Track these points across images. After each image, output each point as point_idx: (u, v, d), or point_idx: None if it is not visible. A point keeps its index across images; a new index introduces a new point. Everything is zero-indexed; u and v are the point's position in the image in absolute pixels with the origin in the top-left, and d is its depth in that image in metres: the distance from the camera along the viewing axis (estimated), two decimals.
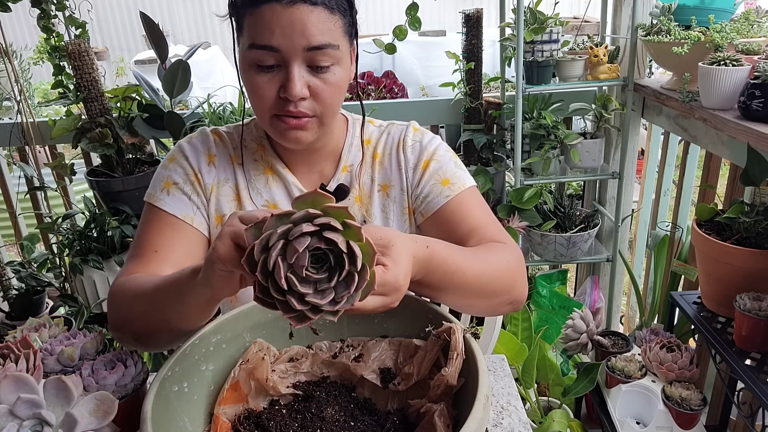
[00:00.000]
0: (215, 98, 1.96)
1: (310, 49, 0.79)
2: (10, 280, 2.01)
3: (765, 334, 1.18)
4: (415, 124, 1.01)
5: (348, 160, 0.98)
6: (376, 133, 1.01)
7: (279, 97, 0.82)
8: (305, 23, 0.77)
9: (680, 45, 1.44)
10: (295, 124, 0.83)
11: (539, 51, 1.78)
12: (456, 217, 0.92)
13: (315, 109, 0.83)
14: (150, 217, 0.92)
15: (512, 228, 1.82)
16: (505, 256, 0.82)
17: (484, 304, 0.82)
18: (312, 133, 0.86)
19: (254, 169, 0.96)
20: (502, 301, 0.81)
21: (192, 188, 0.94)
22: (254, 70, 0.81)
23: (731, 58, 1.30)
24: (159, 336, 0.76)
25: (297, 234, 0.52)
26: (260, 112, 0.85)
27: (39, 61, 2.21)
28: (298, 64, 0.80)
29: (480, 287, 0.77)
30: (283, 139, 0.86)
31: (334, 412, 0.72)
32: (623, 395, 1.43)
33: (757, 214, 1.24)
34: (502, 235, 0.90)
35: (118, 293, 0.82)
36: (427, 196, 0.95)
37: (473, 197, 0.95)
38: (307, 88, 0.81)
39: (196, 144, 0.97)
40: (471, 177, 0.98)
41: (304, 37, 0.78)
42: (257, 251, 0.53)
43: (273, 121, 0.85)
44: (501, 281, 0.80)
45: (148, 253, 0.88)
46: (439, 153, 0.98)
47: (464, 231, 0.91)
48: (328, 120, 0.86)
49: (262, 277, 0.53)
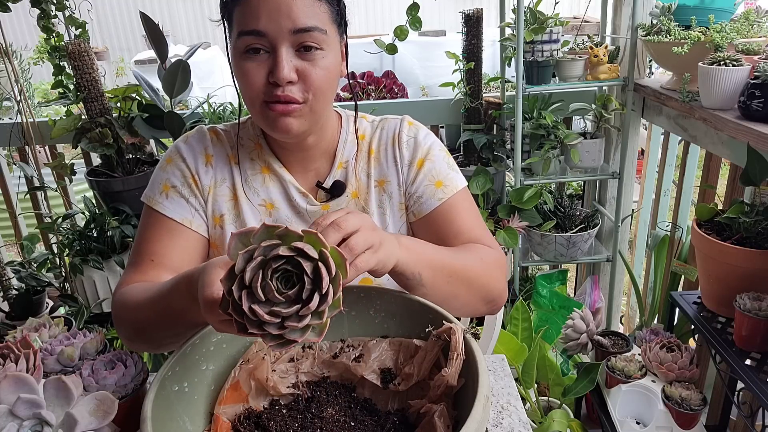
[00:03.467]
0: (215, 98, 1.96)
1: (297, 32, 0.79)
2: (10, 280, 2.01)
3: (765, 334, 1.18)
4: (408, 118, 1.01)
5: (343, 156, 0.98)
6: (369, 129, 1.01)
7: (268, 83, 0.82)
8: (290, 6, 0.78)
9: (680, 45, 1.44)
10: (283, 110, 0.82)
11: (539, 51, 1.78)
12: (446, 219, 0.95)
13: (304, 94, 0.83)
14: (149, 221, 0.93)
15: (512, 228, 1.82)
16: (482, 255, 0.88)
17: (464, 301, 0.85)
18: (302, 122, 0.85)
19: (251, 168, 0.96)
20: (480, 298, 0.86)
21: (189, 191, 0.94)
22: (243, 57, 0.82)
23: (731, 58, 1.30)
24: (169, 337, 0.77)
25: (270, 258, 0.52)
26: (251, 101, 0.85)
27: (39, 61, 2.21)
28: (286, 47, 0.80)
29: (463, 284, 0.81)
30: (274, 128, 0.85)
31: (335, 412, 0.72)
32: (623, 395, 1.43)
33: (757, 214, 1.24)
34: (487, 239, 0.94)
35: (121, 307, 0.84)
36: (421, 197, 0.96)
37: (464, 200, 0.98)
38: (295, 72, 0.81)
39: (193, 144, 0.96)
40: (462, 177, 1.00)
41: (290, 20, 0.78)
42: (233, 288, 0.53)
43: (263, 110, 0.84)
44: (481, 280, 0.85)
45: (146, 261, 0.90)
46: (433, 152, 0.98)
47: (452, 233, 0.94)
48: (318, 107, 0.85)
49: (236, 314, 0.53)
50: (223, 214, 0.95)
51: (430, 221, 0.96)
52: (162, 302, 0.73)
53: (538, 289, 2.16)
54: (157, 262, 0.89)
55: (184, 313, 0.70)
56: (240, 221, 0.95)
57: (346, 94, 2.55)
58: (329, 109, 0.93)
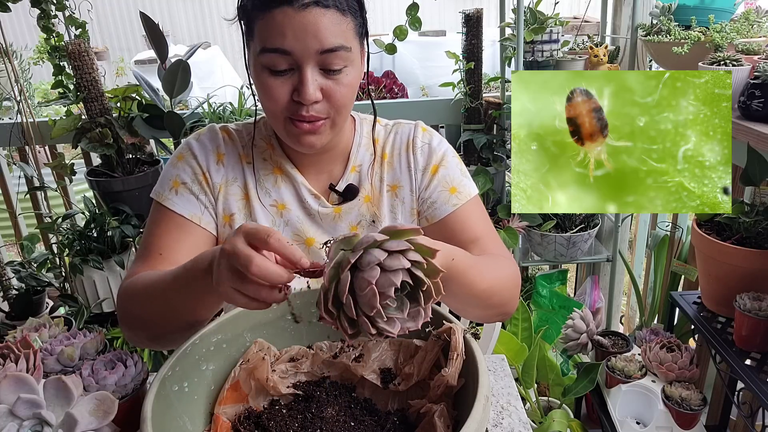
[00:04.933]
0: (215, 98, 1.96)
1: (323, 52, 0.78)
2: (10, 280, 2.01)
3: (765, 334, 1.18)
4: (422, 124, 1.01)
5: (357, 160, 0.98)
6: (383, 133, 1.01)
7: (292, 100, 0.82)
8: (318, 26, 0.77)
9: (680, 45, 1.44)
10: (308, 129, 0.83)
11: (539, 51, 1.78)
12: (460, 226, 0.95)
13: (328, 111, 0.84)
14: (158, 216, 0.92)
15: (512, 228, 1.82)
16: (510, 273, 0.87)
17: (481, 313, 0.85)
18: (325, 137, 0.86)
19: (263, 169, 0.96)
20: (496, 312, 0.85)
21: (200, 188, 0.94)
22: (266, 73, 0.81)
23: (731, 58, 1.30)
24: (173, 331, 0.76)
25: (394, 267, 0.55)
26: (273, 115, 0.85)
27: (39, 61, 2.21)
28: (311, 67, 0.79)
29: (485, 299, 0.79)
30: (297, 143, 0.87)
31: (335, 412, 0.72)
32: (623, 395, 1.43)
33: (757, 214, 1.24)
34: (501, 249, 0.94)
35: (127, 293, 0.82)
36: (435, 203, 0.96)
37: (477, 207, 0.98)
38: (320, 91, 0.81)
39: (205, 142, 0.96)
40: (474, 184, 1.00)
41: (317, 41, 0.77)
42: (342, 267, 0.56)
43: (287, 125, 0.85)
44: (502, 295, 0.83)
45: (154, 255, 0.89)
46: (447, 159, 0.99)
47: (466, 240, 0.93)
48: (340, 121, 0.86)
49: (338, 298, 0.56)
50: (233, 213, 0.95)
51: (444, 227, 0.96)
52: (175, 283, 0.71)
53: (538, 289, 2.16)
54: (165, 256, 0.88)
55: (195, 295, 0.68)
56: (251, 221, 0.94)
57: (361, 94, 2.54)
58: (348, 117, 0.94)
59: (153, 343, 0.82)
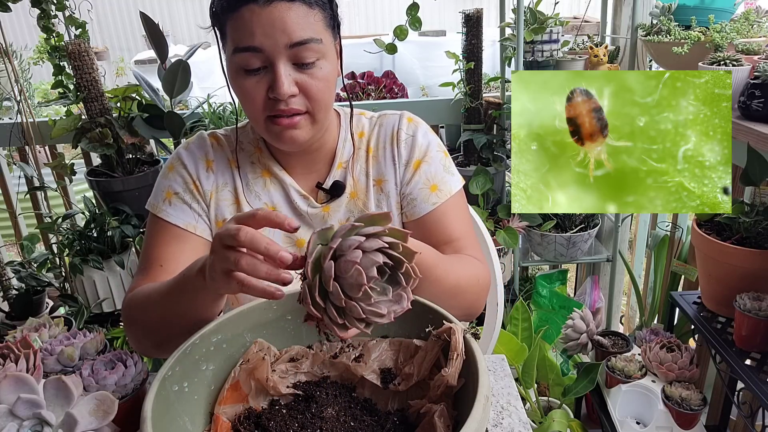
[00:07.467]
0: (215, 98, 1.96)
1: (293, 46, 0.79)
2: (10, 280, 2.01)
3: (765, 334, 1.18)
4: (408, 114, 1.01)
5: (343, 156, 0.98)
6: (368, 126, 1.01)
7: (269, 98, 0.82)
8: (285, 20, 0.78)
9: (680, 45, 1.44)
10: (288, 124, 0.84)
11: (539, 51, 1.78)
12: (438, 225, 0.96)
13: (306, 105, 0.84)
14: (154, 228, 0.94)
15: (512, 228, 1.82)
16: (477, 274, 0.90)
17: None
18: (306, 131, 0.86)
19: (251, 172, 0.97)
20: (461, 313, 0.88)
21: (192, 196, 0.95)
22: (241, 75, 0.82)
23: (731, 58, 1.30)
24: (177, 335, 0.76)
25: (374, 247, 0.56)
26: (254, 117, 0.86)
27: (39, 61, 2.21)
28: (283, 62, 0.80)
29: (449, 297, 0.82)
30: (279, 141, 0.87)
31: (335, 412, 0.72)
32: (623, 395, 1.43)
33: (757, 214, 1.24)
34: (476, 251, 0.96)
35: (131, 306, 0.84)
36: (415, 200, 0.96)
37: (457, 205, 0.98)
38: (295, 85, 0.81)
39: (194, 150, 0.97)
40: (459, 177, 1.00)
41: (286, 35, 0.78)
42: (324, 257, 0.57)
43: (267, 125, 0.85)
44: (467, 296, 0.87)
45: (155, 267, 0.90)
46: (430, 153, 0.98)
47: (443, 239, 0.95)
48: (320, 116, 0.86)
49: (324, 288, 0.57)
50: (225, 218, 0.95)
51: (422, 225, 0.96)
52: (175, 287, 0.74)
53: (538, 289, 2.16)
54: (165, 268, 0.90)
55: (195, 299, 0.70)
56: None
57: (345, 94, 2.55)
58: (330, 113, 0.94)
59: (159, 350, 0.84)
